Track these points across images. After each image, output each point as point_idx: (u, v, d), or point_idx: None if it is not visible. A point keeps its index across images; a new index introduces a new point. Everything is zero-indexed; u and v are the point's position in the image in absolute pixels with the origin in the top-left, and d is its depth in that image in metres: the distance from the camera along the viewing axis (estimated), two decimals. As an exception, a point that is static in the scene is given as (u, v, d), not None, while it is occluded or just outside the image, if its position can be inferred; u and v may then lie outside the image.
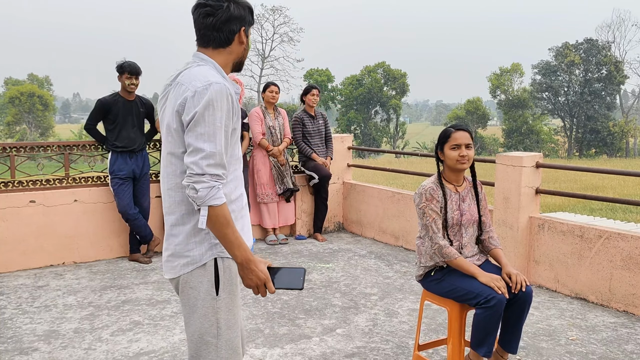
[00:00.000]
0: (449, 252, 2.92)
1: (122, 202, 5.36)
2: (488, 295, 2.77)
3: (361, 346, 3.63)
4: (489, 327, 2.79)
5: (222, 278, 1.97)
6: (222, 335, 1.97)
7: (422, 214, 2.99)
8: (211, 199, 1.81)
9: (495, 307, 2.75)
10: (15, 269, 5.23)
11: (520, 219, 4.87)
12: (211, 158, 1.82)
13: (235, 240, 1.87)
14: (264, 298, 4.49)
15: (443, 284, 2.98)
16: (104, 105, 5.35)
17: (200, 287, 1.96)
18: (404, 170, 7.16)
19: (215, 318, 1.96)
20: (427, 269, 3.05)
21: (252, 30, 2.20)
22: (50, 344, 3.62)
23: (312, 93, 6.54)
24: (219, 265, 1.97)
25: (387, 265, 5.51)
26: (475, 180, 3.16)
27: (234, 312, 2.01)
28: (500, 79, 53.39)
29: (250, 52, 14.03)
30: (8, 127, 50.46)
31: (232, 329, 2.00)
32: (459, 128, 3.04)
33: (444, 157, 3.04)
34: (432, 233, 2.96)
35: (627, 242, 4.26)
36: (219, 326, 1.96)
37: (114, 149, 5.37)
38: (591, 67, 50.23)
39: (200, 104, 1.83)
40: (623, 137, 50.02)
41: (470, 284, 2.86)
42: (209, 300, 1.95)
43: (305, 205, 6.75)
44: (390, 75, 57.30)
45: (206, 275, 1.96)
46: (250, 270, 1.90)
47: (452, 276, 2.95)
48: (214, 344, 1.96)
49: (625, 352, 3.58)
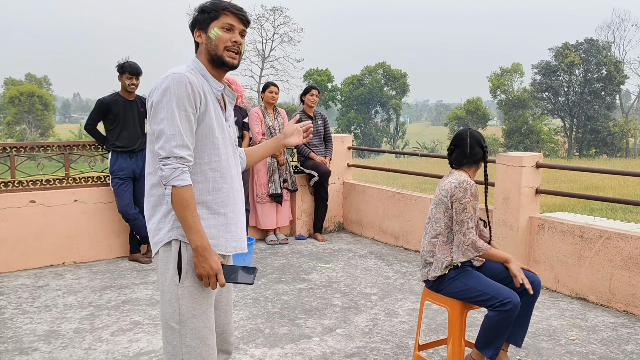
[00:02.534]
0: (482, 245, 2.92)
1: (122, 202, 5.36)
2: (504, 298, 2.75)
3: (361, 346, 3.63)
4: (499, 331, 2.77)
5: (184, 265, 2.04)
6: (186, 323, 2.03)
7: (463, 208, 2.92)
8: (174, 179, 1.93)
9: (510, 312, 2.74)
10: (15, 269, 5.23)
11: (520, 219, 4.87)
12: (173, 140, 1.95)
13: (194, 224, 1.96)
14: (264, 298, 4.49)
15: (457, 283, 2.93)
16: (104, 105, 5.35)
17: (166, 272, 2.06)
18: (404, 170, 7.15)
19: (177, 304, 2.03)
20: (447, 268, 2.97)
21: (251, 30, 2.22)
22: (50, 344, 3.62)
23: (311, 93, 6.54)
24: (182, 251, 2.04)
25: (387, 265, 5.51)
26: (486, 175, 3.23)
27: (201, 302, 2.06)
28: (501, 79, 53.39)
29: (250, 52, 13.90)
30: (8, 127, 50.44)
31: (198, 319, 2.05)
32: None
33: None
34: (466, 228, 2.91)
35: (627, 242, 4.26)
36: (181, 313, 2.03)
37: (114, 148, 5.37)
38: (591, 67, 50.22)
39: (158, 93, 1.99)
40: (623, 137, 50.02)
41: (485, 286, 2.84)
42: (172, 286, 2.04)
43: (305, 205, 6.75)
44: (391, 75, 57.34)
45: (171, 262, 2.04)
46: (203, 258, 1.97)
47: (467, 276, 2.92)
48: (178, 330, 2.04)
49: (625, 352, 3.58)
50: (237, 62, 2.13)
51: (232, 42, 2.08)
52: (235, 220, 2.15)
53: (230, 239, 2.13)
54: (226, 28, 2.08)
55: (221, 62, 2.09)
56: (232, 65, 2.11)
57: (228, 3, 2.10)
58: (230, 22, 2.09)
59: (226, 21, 2.08)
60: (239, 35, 2.12)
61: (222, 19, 2.08)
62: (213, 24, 2.08)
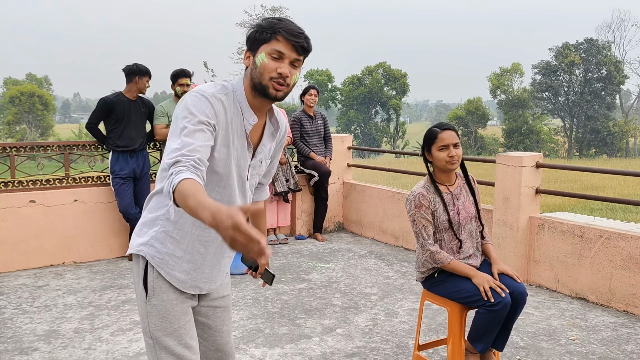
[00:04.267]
0: (441, 257, 2.89)
1: (123, 202, 5.36)
2: (494, 299, 2.76)
3: (361, 346, 3.63)
4: (489, 328, 2.80)
5: (150, 284, 1.90)
6: (158, 341, 1.90)
7: (412, 222, 2.95)
8: (171, 187, 1.56)
9: (500, 311, 2.74)
10: (15, 269, 5.23)
11: (520, 219, 4.87)
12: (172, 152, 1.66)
13: (198, 204, 1.46)
14: (264, 298, 4.49)
15: (447, 285, 2.95)
16: (108, 105, 5.35)
17: (138, 285, 1.94)
18: (404, 170, 7.15)
19: (147, 321, 1.92)
20: (428, 272, 3.02)
21: None
22: (50, 344, 3.62)
23: (309, 93, 6.55)
24: (147, 270, 1.90)
25: (387, 265, 5.51)
26: (467, 175, 3.09)
27: (171, 320, 1.91)
28: (501, 79, 53.39)
29: (250, 52, 13.73)
30: (8, 126, 50.45)
31: (170, 337, 1.90)
32: (444, 128, 2.95)
33: (432, 159, 2.96)
34: (422, 240, 2.93)
35: (627, 242, 4.26)
36: (151, 331, 1.91)
37: (115, 148, 5.37)
38: (591, 67, 50.24)
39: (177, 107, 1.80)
40: (623, 137, 50.04)
41: (475, 286, 2.84)
42: (142, 302, 1.93)
43: (305, 205, 6.75)
44: (391, 75, 57.31)
45: (140, 276, 1.92)
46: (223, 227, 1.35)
47: (456, 278, 2.92)
48: (152, 345, 1.92)
49: (625, 352, 3.58)
50: (281, 94, 1.82)
51: (277, 73, 1.77)
52: (210, 267, 1.98)
53: (199, 279, 1.96)
54: (274, 56, 1.78)
55: (264, 93, 1.81)
56: (275, 97, 1.82)
57: (284, 24, 1.79)
58: (280, 50, 1.77)
59: (276, 47, 1.77)
60: (290, 66, 1.79)
61: (273, 44, 1.77)
62: (262, 48, 1.79)
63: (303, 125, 6.50)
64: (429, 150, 2.98)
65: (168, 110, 5.68)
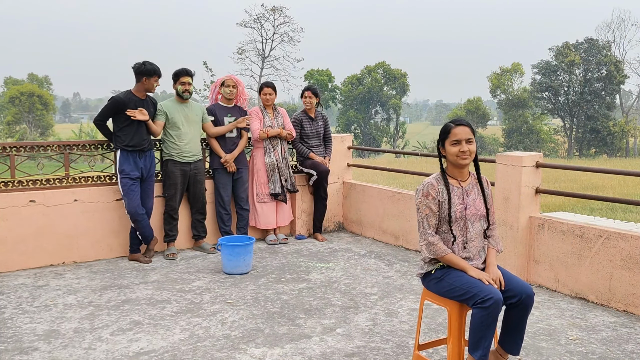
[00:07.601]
0: (438, 248, 2.93)
1: (133, 202, 5.35)
2: (485, 295, 2.74)
3: (361, 346, 3.63)
4: (483, 329, 2.75)
5: None
6: None
7: (417, 209, 3.00)
8: None
9: (491, 308, 2.71)
10: (15, 268, 5.23)
11: (520, 218, 4.87)
12: None
13: None
14: (264, 298, 4.49)
15: (443, 283, 2.96)
16: (119, 104, 5.31)
17: None
18: (404, 170, 7.15)
19: None
20: (427, 267, 3.04)
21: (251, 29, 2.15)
22: (50, 344, 3.62)
23: (304, 95, 6.54)
24: None
25: (387, 265, 5.51)
26: (479, 174, 3.13)
27: None
28: (501, 79, 53.38)
29: (250, 51, 13.92)
30: (8, 126, 50.43)
31: None
32: (458, 123, 3.03)
33: (445, 153, 3.04)
34: (422, 229, 2.98)
35: (627, 242, 4.26)
36: None
37: (124, 147, 5.35)
38: (591, 67, 50.20)
39: None
40: (623, 137, 50.00)
41: (468, 284, 2.84)
42: None
43: (305, 205, 6.75)
44: (391, 74, 57.28)
45: None
46: None
47: (451, 275, 2.94)
48: None
49: (625, 352, 3.58)
50: None
51: None
52: None
53: None
54: None
55: None
56: None
57: None
58: None
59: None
60: None
61: None
62: None
63: (303, 127, 6.50)
64: (443, 144, 3.05)
65: (167, 109, 5.68)
